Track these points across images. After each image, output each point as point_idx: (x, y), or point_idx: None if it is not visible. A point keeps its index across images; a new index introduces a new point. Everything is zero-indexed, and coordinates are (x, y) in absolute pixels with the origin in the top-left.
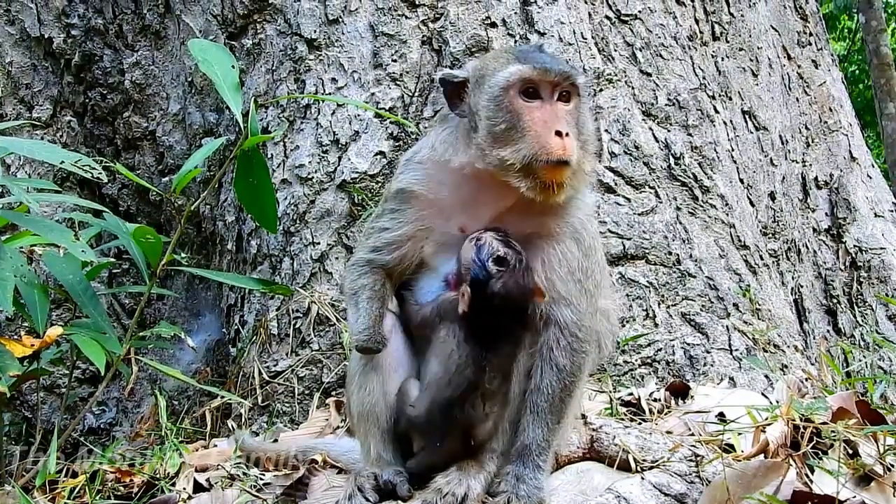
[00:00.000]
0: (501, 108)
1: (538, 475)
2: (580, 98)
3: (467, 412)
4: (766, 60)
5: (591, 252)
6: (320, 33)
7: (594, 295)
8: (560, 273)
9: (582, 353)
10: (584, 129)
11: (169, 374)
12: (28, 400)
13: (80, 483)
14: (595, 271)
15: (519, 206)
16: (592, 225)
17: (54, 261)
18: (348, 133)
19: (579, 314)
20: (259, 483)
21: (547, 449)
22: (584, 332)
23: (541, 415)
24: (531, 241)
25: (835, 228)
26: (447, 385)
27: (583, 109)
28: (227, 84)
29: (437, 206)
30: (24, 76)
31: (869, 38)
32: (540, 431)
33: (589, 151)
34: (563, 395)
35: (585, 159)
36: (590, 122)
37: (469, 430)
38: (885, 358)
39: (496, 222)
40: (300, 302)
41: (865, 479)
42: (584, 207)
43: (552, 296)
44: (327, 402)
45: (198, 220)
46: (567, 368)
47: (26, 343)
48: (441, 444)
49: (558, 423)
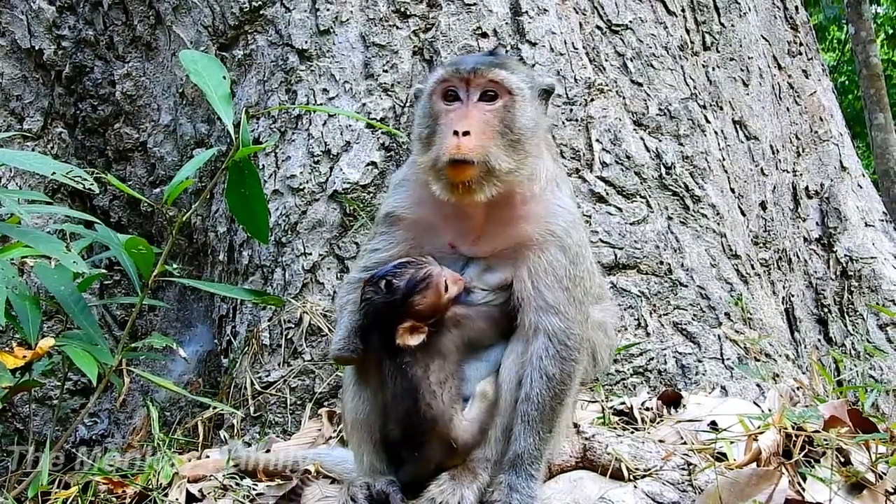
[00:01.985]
0: (426, 114)
1: (531, 484)
2: (513, 96)
3: (426, 413)
4: (756, 70)
5: (579, 260)
6: (311, 44)
7: (584, 303)
8: (546, 281)
9: (571, 361)
10: (516, 128)
11: (161, 385)
12: (20, 411)
13: (73, 494)
14: (584, 279)
15: (491, 217)
16: (578, 232)
17: (46, 272)
18: (340, 143)
19: (567, 322)
20: (252, 493)
21: (539, 458)
22: (574, 341)
23: (532, 424)
24: (519, 252)
25: (826, 238)
26: (394, 397)
27: (517, 108)
28: (218, 95)
29: (423, 225)
30: (14, 88)
31: (858, 49)
32: (531, 440)
33: (521, 151)
34: (554, 403)
35: (509, 159)
36: (528, 121)
37: (441, 430)
38: (877, 367)
39: (479, 235)
40: (292, 312)
41: (857, 488)
42: (564, 214)
43: (539, 304)
44: (319, 413)
45: (189, 231)
46: (556, 377)
47: (18, 354)
48: (419, 452)
49: (549, 431)
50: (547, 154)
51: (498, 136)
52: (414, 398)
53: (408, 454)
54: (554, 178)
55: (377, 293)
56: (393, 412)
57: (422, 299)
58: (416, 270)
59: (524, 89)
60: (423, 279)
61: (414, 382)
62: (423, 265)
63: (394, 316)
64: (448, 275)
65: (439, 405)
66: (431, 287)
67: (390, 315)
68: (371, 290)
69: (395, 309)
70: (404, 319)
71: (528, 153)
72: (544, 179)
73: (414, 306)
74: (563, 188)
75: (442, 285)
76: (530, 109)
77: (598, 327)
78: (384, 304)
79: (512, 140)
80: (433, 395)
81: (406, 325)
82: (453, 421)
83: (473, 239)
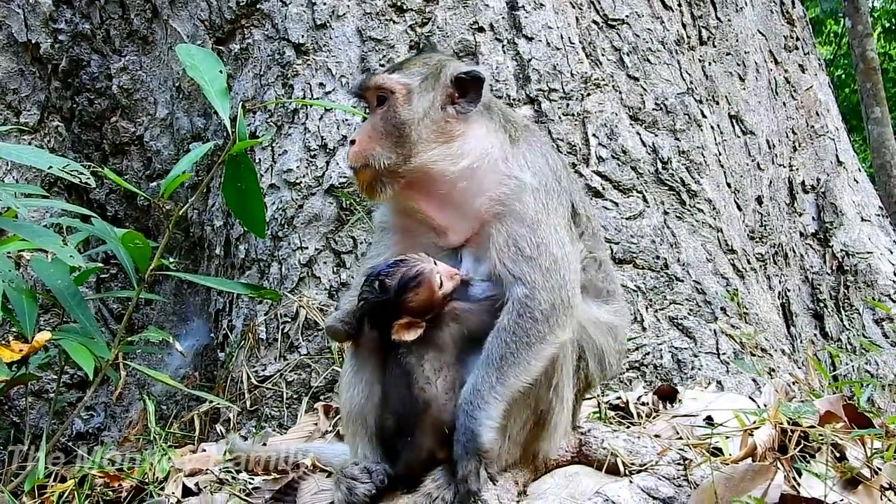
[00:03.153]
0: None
1: (469, 423)
2: (394, 95)
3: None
4: (753, 65)
5: (537, 226)
6: (308, 38)
7: (554, 270)
8: (510, 254)
9: (530, 318)
10: (398, 124)
11: (157, 378)
12: (16, 405)
13: (69, 488)
14: (549, 245)
15: (439, 206)
16: (532, 196)
17: (42, 266)
18: (336, 138)
19: (532, 289)
20: (248, 487)
21: (481, 397)
22: (535, 302)
23: (478, 368)
24: (484, 232)
25: (822, 232)
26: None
27: (397, 106)
28: (214, 89)
29: (405, 229)
30: (11, 81)
31: (855, 43)
32: (473, 380)
33: (408, 143)
34: (506, 352)
35: (393, 154)
36: (411, 114)
37: (434, 415)
38: (872, 362)
39: (447, 228)
40: (288, 306)
41: (853, 483)
42: (510, 182)
43: (509, 280)
44: (315, 407)
45: (186, 225)
46: (508, 328)
47: (14, 348)
48: (412, 437)
49: (497, 379)
50: (486, 129)
51: (383, 136)
52: (407, 383)
53: (402, 443)
54: (501, 151)
55: (371, 293)
56: (388, 400)
57: (414, 296)
58: (407, 268)
59: (409, 84)
60: (415, 276)
61: (408, 369)
62: (415, 263)
63: (389, 313)
64: (443, 270)
65: (433, 391)
66: (424, 284)
67: (386, 313)
68: (366, 289)
69: (390, 307)
70: (400, 316)
71: (419, 141)
72: (478, 156)
73: (407, 303)
74: (516, 159)
75: (435, 281)
76: (416, 102)
77: (608, 331)
78: (378, 303)
79: (397, 136)
80: (427, 380)
81: (402, 322)
82: (447, 406)
83: (440, 231)
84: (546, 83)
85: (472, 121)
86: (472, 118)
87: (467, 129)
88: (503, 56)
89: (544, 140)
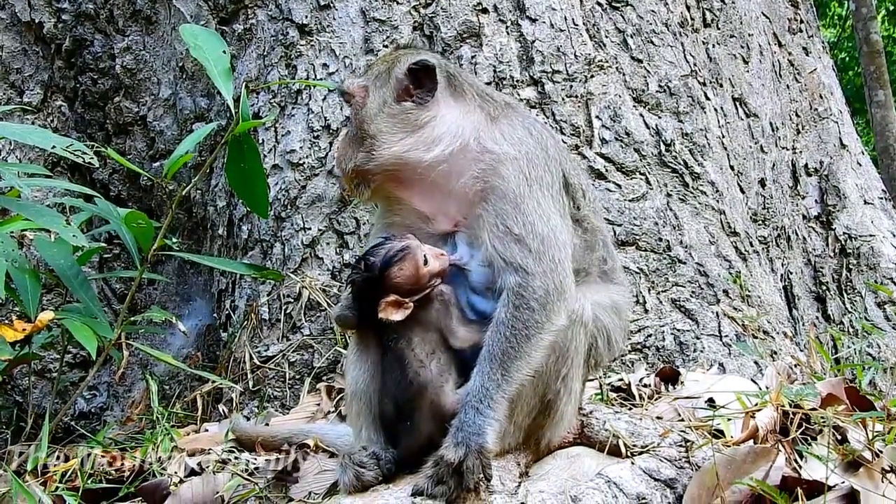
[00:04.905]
0: None
1: (476, 419)
2: (354, 98)
3: (414, 380)
4: (756, 47)
5: (521, 200)
6: (311, 19)
7: (542, 252)
8: (498, 234)
9: (526, 309)
10: (359, 123)
11: (160, 358)
12: (19, 384)
13: (72, 467)
14: (535, 224)
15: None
16: (516, 168)
17: (45, 245)
18: (339, 118)
19: (524, 275)
20: (250, 467)
21: (488, 396)
22: (531, 292)
23: (482, 364)
24: (474, 214)
25: (824, 215)
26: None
27: (357, 106)
28: (218, 69)
29: (399, 223)
30: (14, 61)
31: (859, 26)
32: (480, 379)
33: (368, 139)
34: (507, 347)
35: (358, 153)
36: (368, 111)
37: (431, 397)
38: (874, 344)
39: (435, 214)
40: (291, 287)
41: (854, 465)
42: (487, 157)
43: (500, 265)
44: (318, 387)
45: (189, 206)
46: (507, 322)
47: (17, 327)
48: (411, 421)
49: (501, 376)
50: (460, 112)
51: (353, 138)
52: (401, 368)
53: (402, 427)
54: (475, 130)
55: (358, 272)
56: (386, 385)
57: (399, 271)
58: (391, 245)
59: (365, 86)
60: (399, 251)
61: (399, 354)
62: (399, 240)
63: (376, 292)
64: (427, 249)
65: (427, 374)
66: (407, 258)
67: (373, 291)
68: (353, 271)
69: (376, 284)
70: (387, 294)
71: (379, 135)
72: (451, 139)
73: (392, 279)
74: (491, 134)
75: (420, 258)
76: (370, 100)
77: (612, 311)
78: (364, 281)
79: (360, 136)
80: (421, 364)
81: (389, 300)
82: (444, 389)
83: (429, 219)
84: (549, 65)
85: (441, 106)
86: (441, 104)
87: (436, 114)
88: (507, 37)
89: (529, 115)
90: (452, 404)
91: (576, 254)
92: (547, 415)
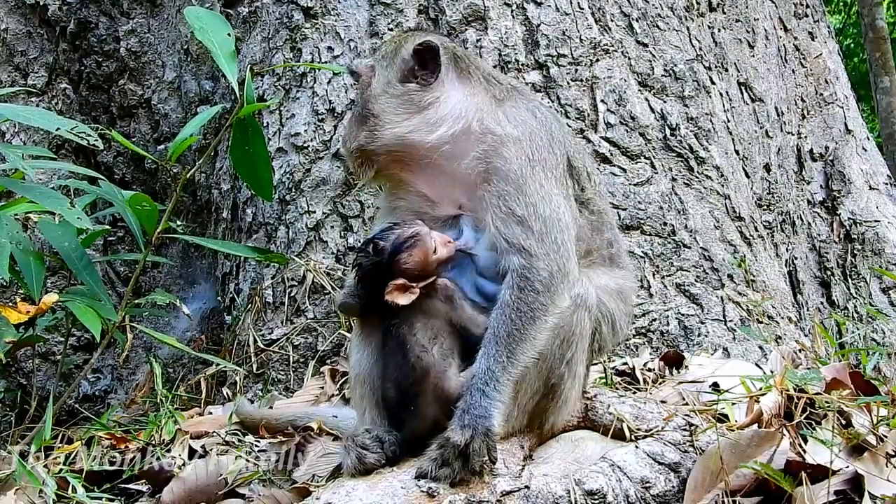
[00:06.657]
0: None
1: (483, 402)
2: (362, 78)
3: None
4: (762, 32)
5: (523, 181)
6: (316, 2)
7: (545, 233)
8: (501, 216)
9: (531, 291)
10: (364, 103)
11: (164, 341)
12: (23, 367)
13: (76, 449)
14: (537, 205)
15: (425, 178)
16: (518, 149)
17: (50, 228)
18: (344, 102)
19: (528, 257)
20: (254, 450)
21: (494, 378)
22: (534, 273)
23: (487, 346)
24: (477, 196)
25: (829, 201)
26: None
27: (362, 87)
28: (222, 52)
29: (403, 206)
30: (19, 43)
31: (865, 12)
32: (485, 362)
33: (371, 119)
34: (512, 329)
35: (361, 133)
36: (372, 90)
37: (434, 381)
38: (879, 330)
39: (440, 197)
40: (295, 270)
41: (858, 450)
42: (489, 139)
43: (504, 247)
44: (322, 371)
45: (193, 189)
46: (511, 304)
47: (21, 310)
48: (414, 406)
49: (507, 358)
50: (464, 94)
51: (356, 117)
52: (403, 353)
53: (405, 412)
54: (478, 112)
55: (366, 256)
56: (388, 369)
57: (408, 257)
58: (402, 230)
59: (373, 64)
60: (410, 237)
61: (401, 339)
62: (410, 225)
63: (384, 276)
64: (436, 236)
65: (430, 358)
66: (418, 245)
67: (380, 276)
68: (361, 254)
69: (384, 269)
70: (395, 278)
71: (382, 115)
72: (454, 120)
73: (401, 264)
74: (495, 115)
75: (430, 244)
76: (375, 81)
77: (617, 295)
78: (373, 265)
79: (364, 116)
80: (423, 348)
81: (397, 283)
82: (447, 373)
83: (434, 202)
84: (555, 48)
85: (446, 88)
86: (445, 86)
87: (440, 96)
88: (512, 21)
89: (534, 98)
90: (456, 388)
91: (583, 234)
92: (551, 398)
